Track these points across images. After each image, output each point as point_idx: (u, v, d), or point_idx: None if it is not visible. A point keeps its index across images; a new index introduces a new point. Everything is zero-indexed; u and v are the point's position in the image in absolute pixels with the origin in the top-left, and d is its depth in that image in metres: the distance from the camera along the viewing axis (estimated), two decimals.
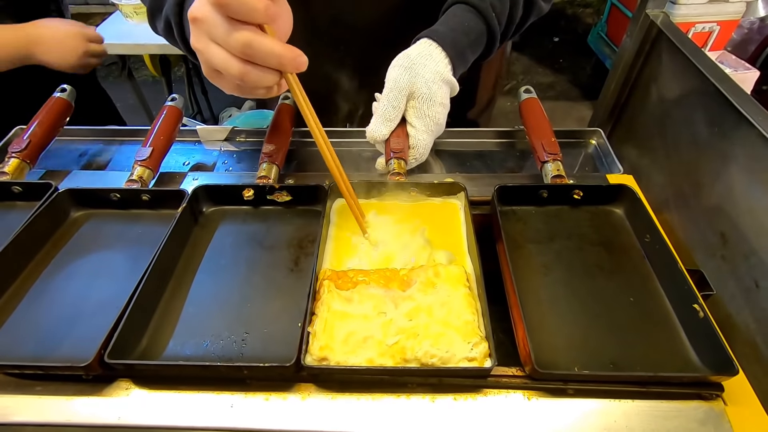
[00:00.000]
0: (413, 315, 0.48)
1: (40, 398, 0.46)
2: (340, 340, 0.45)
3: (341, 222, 0.60)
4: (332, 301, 0.48)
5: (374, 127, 0.62)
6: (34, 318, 0.51)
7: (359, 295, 0.49)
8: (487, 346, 0.45)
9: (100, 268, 0.57)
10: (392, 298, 0.49)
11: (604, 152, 0.78)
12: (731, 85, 0.63)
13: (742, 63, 1.79)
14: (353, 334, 0.46)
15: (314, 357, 0.45)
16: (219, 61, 0.42)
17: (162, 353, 0.48)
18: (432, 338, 0.45)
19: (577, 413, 0.44)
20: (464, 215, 0.59)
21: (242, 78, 0.42)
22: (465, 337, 0.45)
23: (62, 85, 0.75)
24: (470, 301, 0.48)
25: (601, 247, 0.58)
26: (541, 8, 0.72)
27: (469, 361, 0.44)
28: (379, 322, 0.47)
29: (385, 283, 0.51)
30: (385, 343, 0.45)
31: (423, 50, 0.62)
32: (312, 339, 0.46)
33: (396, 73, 0.60)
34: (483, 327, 0.47)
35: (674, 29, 0.77)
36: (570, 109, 2.60)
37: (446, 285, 0.50)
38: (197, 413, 0.44)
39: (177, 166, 0.79)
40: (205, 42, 0.42)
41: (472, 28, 0.65)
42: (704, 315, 0.46)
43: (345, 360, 0.44)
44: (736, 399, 0.44)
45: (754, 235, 0.56)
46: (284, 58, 0.42)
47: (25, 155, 0.67)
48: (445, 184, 0.62)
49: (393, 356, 0.45)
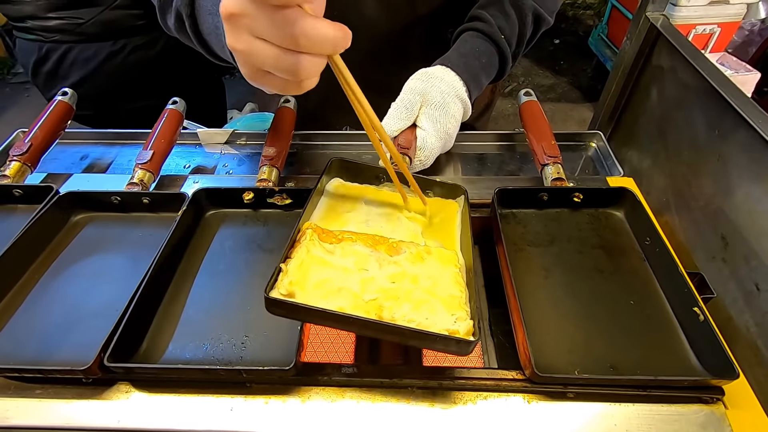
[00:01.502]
0: (397, 279, 0.45)
1: (40, 401, 0.46)
2: (313, 283, 0.42)
3: (333, 195, 0.57)
4: (313, 247, 0.45)
5: (385, 122, 0.63)
6: (35, 321, 0.51)
7: (342, 250, 0.46)
8: (472, 325, 0.41)
9: (101, 271, 0.57)
10: (378, 259, 0.46)
11: (604, 155, 0.78)
12: (731, 88, 0.62)
13: (743, 65, 1.78)
14: (328, 281, 0.43)
15: (282, 291, 0.41)
16: (269, 60, 0.36)
17: (162, 356, 0.48)
18: (413, 303, 0.42)
19: (578, 417, 0.44)
20: (461, 215, 0.58)
21: (296, 72, 0.36)
22: (449, 308, 0.42)
23: (63, 88, 0.75)
24: (459, 281, 0.46)
25: (601, 249, 0.58)
26: (548, 22, 0.74)
27: (451, 333, 0.40)
28: (359, 277, 0.44)
29: (372, 244, 0.48)
30: (362, 297, 0.42)
31: (439, 71, 0.65)
32: (282, 276, 0.42)
33: (413, 82, 0.64)
34: (470, 308, 0.44)
35: (674, 31, 0.77)
36: (571, 111, 2.60)
37: (437, 261, 0.47)
38: (197, 416, 0.44)
39: (178, 169, 0.79)
40: (246, 40, 0.36)
41: (482, 52, 0.67)
42: (705, 318, 0.46)
43: (315, 302, 0.40)
44: (737, 402, 0.44)
45: (755, 238, 0.56)
46: (338, 40, 0.36)
47: (26, 158, 0.67)
48: (446, 184, 0.60)
49: (368, 312, 0.41)
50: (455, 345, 0.40)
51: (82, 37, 1.08)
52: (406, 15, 0.75)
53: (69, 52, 1.09)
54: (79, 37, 1.08)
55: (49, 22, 1.06)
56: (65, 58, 1.10)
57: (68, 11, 1.05)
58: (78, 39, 1.08)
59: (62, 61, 1.10)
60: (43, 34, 1.07)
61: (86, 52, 1.09)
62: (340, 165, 0.60)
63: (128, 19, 1.08)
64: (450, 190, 0.61)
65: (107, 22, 1.07)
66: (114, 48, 1.10)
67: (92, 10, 1.06)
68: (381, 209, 0.57)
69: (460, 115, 0.66)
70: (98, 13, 1.06)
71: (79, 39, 1.08)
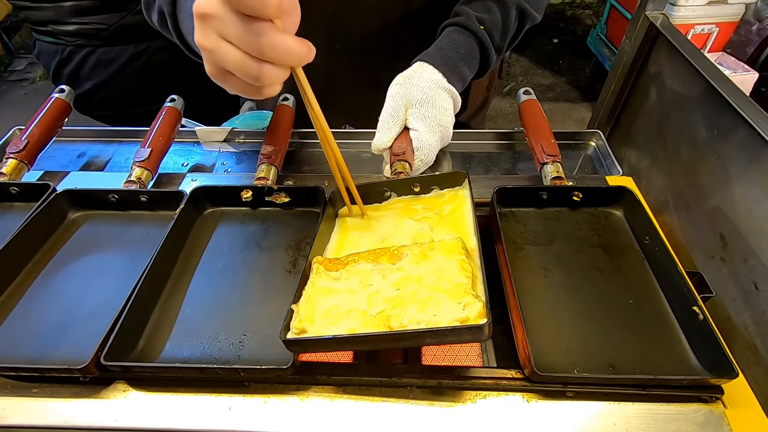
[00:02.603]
0: (401, 284, 0.45)
1: (37, 400, 0.46)
2: (321, 314, 0.43)
3: (344, 225, 0.58)
4: (319, 280, 0.46)
5: (376, 138, 0.63)
6: (31, 319, 0.51)
7: (347, 273, 0.47)
8: (482, 306, 0.40)
9: (98, 269, 0.57)
10: (380, 271, 0.47)
11: (603, 154, 0.78)
12: (730, 87, 0.62)
13: (741, 64, 1.78)
14: (336, 308, 0.44)
15: (294, 331, 0.43)
16: (233, 61, 0.38)
17: (159, 355, 0.48)
18: (419, 303, 0.42)
19: (577, 416, 0.44)
20: (470, 202, 0.56)
21: (258, 78, 0.39)
22: (455, 297, 0.42)
23: (60, 86, 0.75)
24: (465, 266, 0.45)
25: (600, 249, 0.58)
26: (534, 18, 0.74)
27: (461, 322, 0.40)
28: (364, 294, 0.45)
29: (374, 258, 0.48)
30: (369, 313, 0.43)
31: (416, 68, 0.65)
32: (294, 316, 0.44)
33: (393, 89, 0.64)
34: (479, 290, 0.43)
35: (673, 31, 0.77)
36: (569, 111, 2.60)
37: (440, 254, 0.47)
38: (195, 416, 0.44)
39: (176, 167, 0.79)
40: (214, 40, 0.38)
41: (460, 43, 0.67)
42: (704, 317, 0.46)
43: (325, 331, 0.42)
44: (736, 402, 0.44)
45: (754, 237, 0.56)
46: (302, 55, 0.38)
47: (23, 156, 0.66)
48: (447, 175, 0.60)
49: (377, 326, 0.42)
50: (468, 333, 0.40)
51: (105, 41, 1.08)
52: (400, 10, 0.75)
53: (91, 54, 1.09)
54: (102, 41, 1.08)
55: (71, 26, 1.06)
56: (87, 60, 1.10)
57: (90, 17, 1.05)
58: (100, 43, 1.08)
59: (84, 63, 1.10)
60: (65, 38, 1.07)
61: (109, 54, 1.10)
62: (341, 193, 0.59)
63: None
64: (453, 179, 0.60)
65: (129, 26, 1.08)
66: (137, 50, 1.10)
67: (114, 15, 1.06)
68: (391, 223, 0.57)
69: (450, 105, 0.66)
70: (120, 19, 1.06)
71: (102, 43, 1.09)
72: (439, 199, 0.59)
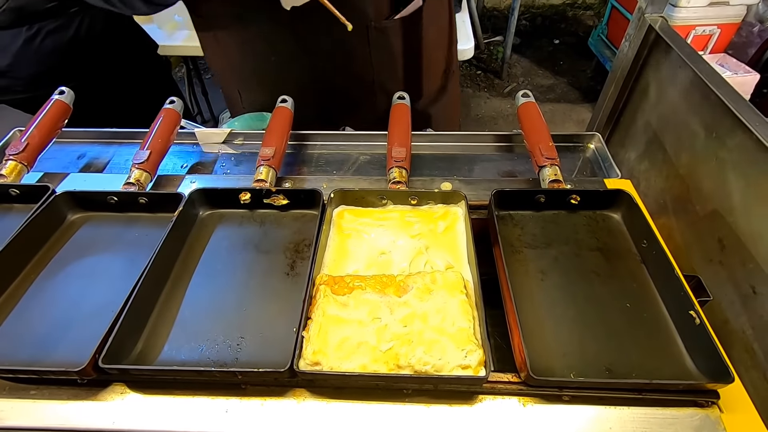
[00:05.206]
0: (408, 321, 0.48)
1: (35, 402, 0.46)
2: (333, 346, 0.45)
3: (340, 230, 0.60)
4: (327, 306, 0.48)
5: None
6: (30, 321, 0.51)
7: (355, 300, 0.49)
8: (482, 354, 0.44)
9: (97, 271, 0.57)
10: (388, 304, 0.49)
11: (602, 156, 0.78)
12: (729, 91, 0.62)
13: (742, 66, 1.78)
14: (347, 340, 0.46)
15: (307, 362, 0.45)
16: None
17: (157, 357, 0.48)
18: (425, 345, 0.45)
19: (573, 420, 0.44)
20: (464, 223, 0.59)
21: None
22: (459, 344, 0.45)
23: (60, 87, 0.75)
24: (467, 309, 0.48)
25: (598, 252, 0.58)
26: None
27: (463, 368, 0.44)
28: (373, 327, 0.47)
29: (381, 288, 0.51)
30: (379, 349, 0.45)
31: None
32: (306, 343, 0.46)
33: None
34: (479, 335, 0.47)
35: (672, 33, 0.77)
36: (570, 112, 2.59)
37: (443, 291, 0.50)
38: (192, 418, 0.44)
39: (175, 168, 0.79)
40: None
41: None
42: (700, 321, 0.46)
43: (338, 365, 0.44)
44: (732, 406, 0.44)
45: (752, 242, 0.56)
46: None
47: (22, 157, 0.66)
48: (445, 193, 0.62)
49: (386, 362, 0.45)
50: (469, 381, 0.45)
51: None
52: None
53: None
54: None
55: None
56: None
57: None
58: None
59: None
60: None
61: (3, 40, 1.09)
62: (342, 195, 0.62)
63: (37, 3, 1.09)
64: (449, 197, 0.62)
65: (17, 8, 1.07)
66: (29, 33, 1.10)
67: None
68: (388, 237, 0.59)
69: None
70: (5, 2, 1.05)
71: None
72: (433, 213, 0.61)
